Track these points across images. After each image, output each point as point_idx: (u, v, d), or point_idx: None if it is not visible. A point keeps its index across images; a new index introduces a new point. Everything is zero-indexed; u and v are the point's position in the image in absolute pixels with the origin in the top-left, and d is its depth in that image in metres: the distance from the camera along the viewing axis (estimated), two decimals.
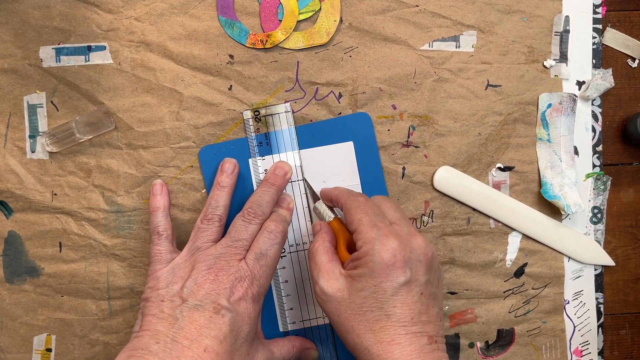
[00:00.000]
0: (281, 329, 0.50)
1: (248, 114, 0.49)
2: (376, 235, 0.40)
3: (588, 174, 0.52)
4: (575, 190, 0.50)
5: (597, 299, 0.52)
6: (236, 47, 0.49)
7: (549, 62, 0.50)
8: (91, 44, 0.48)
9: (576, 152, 0.51)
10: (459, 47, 0.50)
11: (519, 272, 0.52)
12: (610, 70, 0.51)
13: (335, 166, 0.50)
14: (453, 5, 0.49)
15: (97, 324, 0.50)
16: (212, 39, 0.49)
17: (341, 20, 0.49)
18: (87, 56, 0.48)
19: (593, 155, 0.52)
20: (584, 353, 0.52)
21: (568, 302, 0.52)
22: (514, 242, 0.51)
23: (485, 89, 0.50)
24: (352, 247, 0.43)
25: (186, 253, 0.45)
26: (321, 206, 0.47)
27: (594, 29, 0.51)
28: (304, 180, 0.49)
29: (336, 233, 0.45)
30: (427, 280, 0.40)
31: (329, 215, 0.46)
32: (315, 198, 0.49)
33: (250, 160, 0.49)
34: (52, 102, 0.49)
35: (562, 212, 0.51)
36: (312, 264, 0.43)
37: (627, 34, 0.51)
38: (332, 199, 0.46)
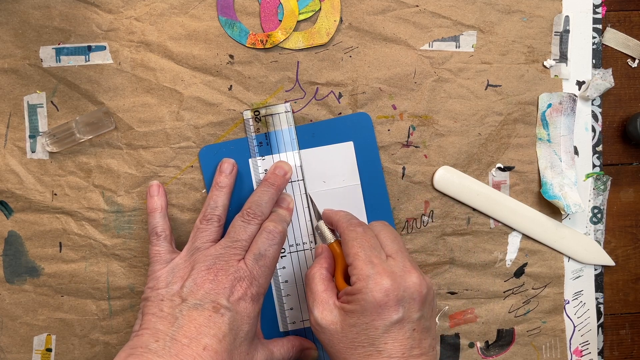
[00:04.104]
0: (281, 329, 0.50)
1: (248, 114, 0.49)
2: (370, 272, 0.40)
3: (588, 174, 0.52)
4: (575, 190, 0.50)
5: (597, 299, 0.52)
6: (236, 47, 0.49)
7: (549, 62, 0.50)
8: (91, 44, 0.48)
9: (576, 152, 0.51)
10: (459, 47, 0.50)
11: (519, 272, 0.51)
12: (610, 70, 0.51)
13: (335, 166, 0.50)
14: (453, 5, 0.50)
15: (97, 324, 0.50)
16: (212, 39, 0.49)
17: (341, 20, 0.49)
18: (87, 56, 0.48)
19: (593, 155, 0.52)
20: (584, 353, 0.52)
21: (568, 302, 0.52)
22: (514, 242, 0.51)
23: (485, 89, 0.50)
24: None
25: (185, 253, 0.45)
26: (322, 227, 0.47)
27: (594, 29, 0.51)
28: (309, 197, 0.49)
29: (336, 256, 0.45)
30: (421, 316, 0.41)
31: (329, 237, 0.46)
32: (318, 217, 0.49)
33: (250, 160, 0.49)
34: (52, 102, 0.49)
35: (562, 212, 0.51)
36: (308, 290, 0.44)
37: (627, 34, 0.51)
38: (332, 223, 0.47)
